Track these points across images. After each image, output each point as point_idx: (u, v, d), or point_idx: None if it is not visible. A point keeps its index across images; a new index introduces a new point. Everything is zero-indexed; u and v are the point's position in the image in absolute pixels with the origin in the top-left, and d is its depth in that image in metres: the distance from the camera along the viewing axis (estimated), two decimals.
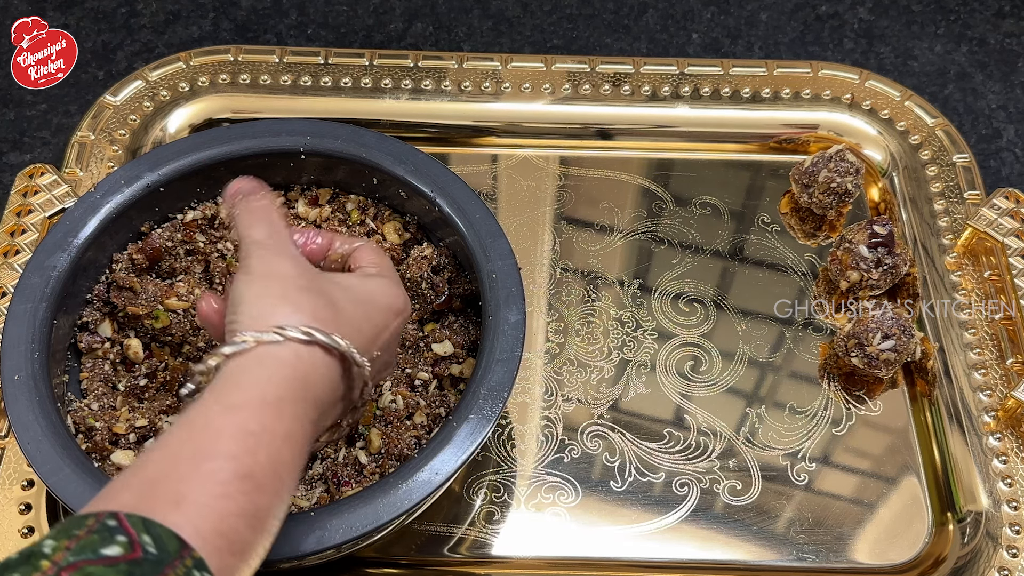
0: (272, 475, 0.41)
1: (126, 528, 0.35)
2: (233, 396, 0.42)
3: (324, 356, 0.45)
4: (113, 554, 0.34)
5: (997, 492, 0.64)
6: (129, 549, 0.34)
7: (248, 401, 0.42)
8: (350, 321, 0.48)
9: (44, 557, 0.34)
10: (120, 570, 0.34)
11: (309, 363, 0.44)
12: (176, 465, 0.39)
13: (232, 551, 0.38)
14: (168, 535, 0.36)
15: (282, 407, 0.42)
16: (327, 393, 0.46)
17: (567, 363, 0.70)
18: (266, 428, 0.41)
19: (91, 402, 0.60)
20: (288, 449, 0.42)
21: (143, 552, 0.34)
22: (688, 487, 0.65)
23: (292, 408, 0.43)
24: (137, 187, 0.63)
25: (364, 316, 0.49)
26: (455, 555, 0.62)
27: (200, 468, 0.39)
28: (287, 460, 0.42)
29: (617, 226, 0.77)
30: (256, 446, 0.40)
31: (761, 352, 0.71)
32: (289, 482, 0.42)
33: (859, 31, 0.92)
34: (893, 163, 0.80)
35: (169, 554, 0.35)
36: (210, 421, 0.41)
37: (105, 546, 0.34)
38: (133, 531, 0.35)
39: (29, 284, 0.59)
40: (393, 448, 0.59)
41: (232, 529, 0.38)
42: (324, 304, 0.47)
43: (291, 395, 0.43)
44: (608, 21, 0.92)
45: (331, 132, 0.66)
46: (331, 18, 0.92)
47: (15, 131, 0.83)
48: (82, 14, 0.91)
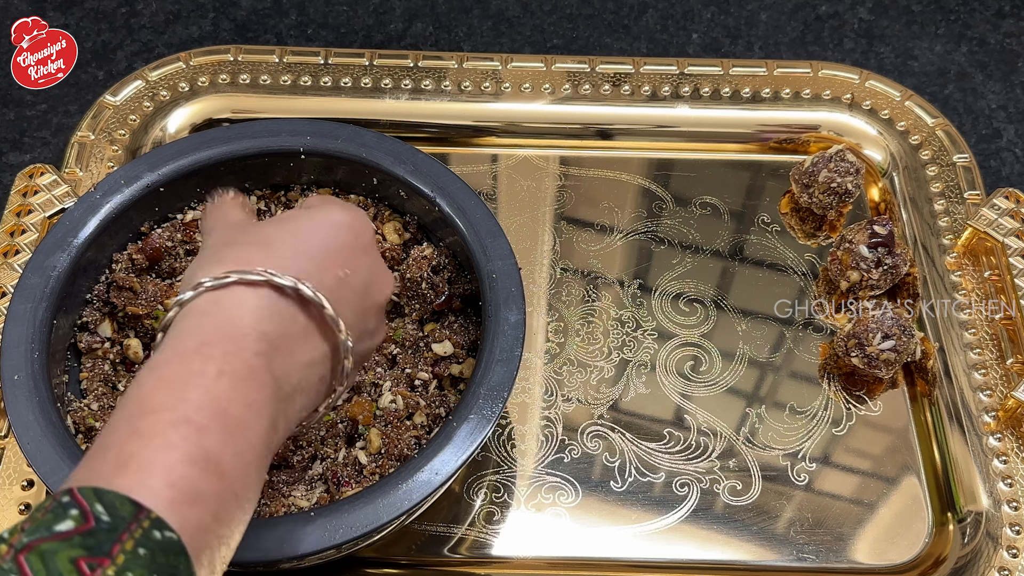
0: (214, 412, 0.39)
1: (79, 501, 0.35)
2: (157, 357, 0.41)
3: (251, 290, 0.43)
4: (65, 528, 0.34)
5: (997, 492, 0.64)
6: (82, 521, 0.34)
7: (169, 356, 0.41)
8: (285, 251, 0.46)
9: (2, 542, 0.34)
10: (74, 543, 0.33)
11: (233, 302, 0.43)
12: (116, 430, 0.38)
13: (189, 501, 0.37)
14: (121, 500, 0.35)
15: (205, 350, 0.41)
16: (274, 325, 0.43)
17: (567, 363, 0.70)
18: (192, 371, 0.40)
19: (91, 402, 0.60)
20: (226, 382, 0.40)
21: (96, 522, 0.34)
22: (688, 487, 0.65)
23: (218, 347, 0.41)
24: (137, 187, 0.63)
25: (303, 240, 0.47)
26: (455, 555, 0.62)
27: (138, 427, 0.38)
28: (228, 393, 0.40)
29: (617, 226, 0.77)
30: (184, 390, 0.39)
31: (761, 352, 0.71)
32: (243, 416, 0.40)
33: (859, 31, 0.92)
34: (893, 163, 0.80)
35: (123, 519, 0.34)
36: (140, 386, 0.40)
37: (58, 522, 0.34)
38: (85, 503, 0.35)
39: (29, 284, 0.59)
40: (393, 448, 0.59)
41: (182, 478, 0.37)
42: (253, 248, 0.46)
43: (214, 336, 0.41)
44: (608, 21, 0.92)
45: (331, 132, 0.66)
46: (331, 18, 0.92)
47: (15, 131, 0.83)
48: (82, 14, 0.91)
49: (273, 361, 0.42)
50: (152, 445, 0.37)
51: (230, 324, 0.42)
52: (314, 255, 0.47)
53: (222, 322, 0.42)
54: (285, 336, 0.44)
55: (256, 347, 0.42)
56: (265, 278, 0.43)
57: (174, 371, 0.40)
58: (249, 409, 0.40)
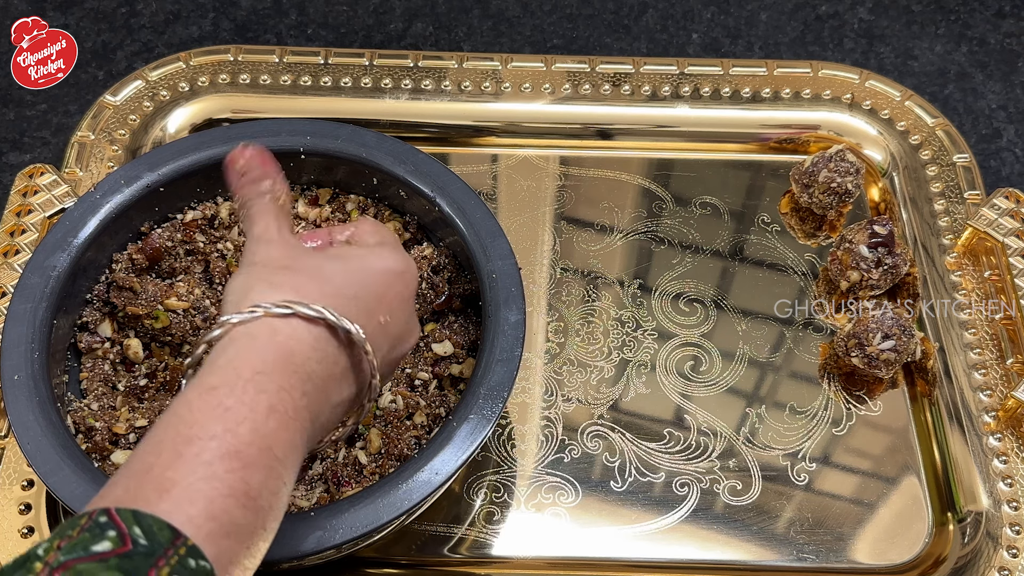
0: (260, 450, 0.39)
1: (116, 522, 0.35)
2: (209, 378, 0.41)
3: (307, 326, 0.43)
4: (103, 549, 0.34)
5: (997, 492, 0.64)
6: (119, 543, 0.34)
7: (223, 380, 0.40)
8: (340, 290, 0.46)
9: (37, 559, 0.34)
10: (111, 565, 0.33)
11: (289, 335, 0.43)
12: (160, 453, 0.38)
13: (226, 534, 0.37)
14: (159, 525, 0.35)
15: (260, 380, 0.41)
16: (321, 366, 0.44)
17: (567, 363, 0.70)
18: (244, 402, 0.40)
19: (91, 402, 0.61)
20: (276, 421, 0.40)
21: (133, 545, 0.34)
22: (688, 487, 0.65)
23: (273, 380, 0.41)
24: (137, 187, 0.63)
25: (359, 283, 0.47)
26: (455, 555, 0.62)
27: (183, 453, 0.38)
28: (276, 432, 0.40)
29: (617, 226, 0.77)
30: (236, 422, 0.39)
31: (761, 352, 0.71)
32: (285, 457, 0.40)
33: (859, 31, 0.92)
34: (893, 163, 0.80)
35: (160, 544, 0.34)
36: (189, 405, 0.40)
37: (95, 543, 0.34)
38: (123, 525, 0.35)
39: (29, 284, 0.59)
40: (393, 448, 0.59)
41: (223, 511, 0.37)
42: (308, 279, 0.45)
43: (270, 368, 0.41)
44: (608, 21, 0.92)
45: (331, 132, 0.66)
46: (331, 18, 0.92)
47: (15, 131, 0.83)
48: (82, 14, 0.91)
49: (313, 402, 0.43)
50: (197, 474, 0.37)
51: (286, 360, 0.42)
52: (366, 299, 0.47)
53: (280, 356, 0.42)
54: (327, 378, 0.44)
55: (304, 387, 0.42)
56: (322, 316, 0.43)
57: (226, 398, 0.40)
58: (290, 450, 0.41)
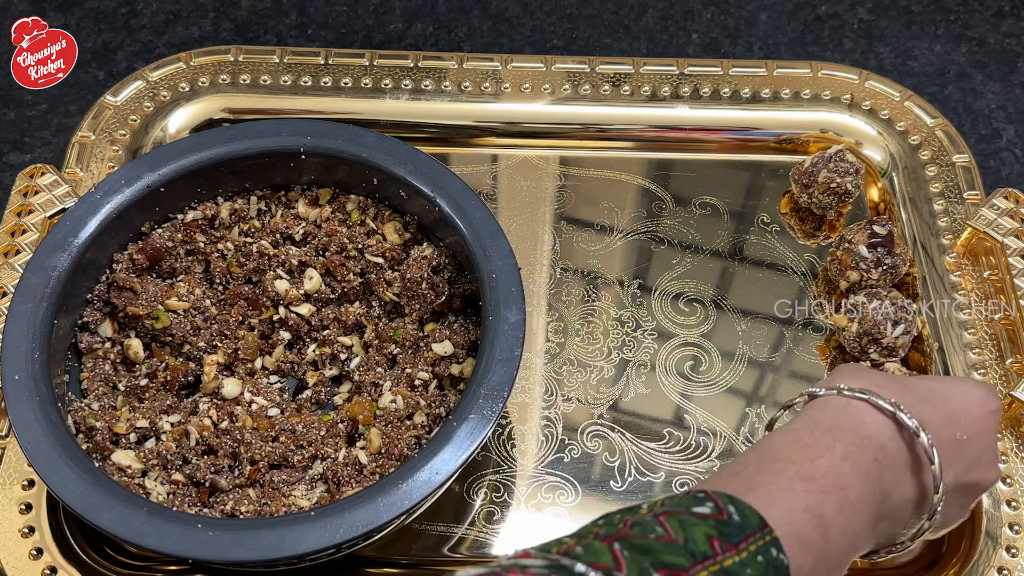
0: (834, 485, 0.43)
1: (713, 499, 0.41)
2: (795, 423, 0.48)
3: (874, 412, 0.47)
4: (703, 511, 0.40)
5: (996, 492, 0.64)
6: (716, 512, 0.40)
7: (803, 426, 0.47)
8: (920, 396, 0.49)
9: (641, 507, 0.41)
10: (709, 524, 0.39)
11: (859, 411, 0.47)
12: (747, 466, 0.45)
13: (798, 543, 0.40)
14: (750, 511, 0.40)
15: (835, 432, 0.46)
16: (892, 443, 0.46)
17: (567, 363, 0.70)
18: (821, 443, 0.45)
19: (91, 402, 0.61)
20: (849, 466, 0.44)
21: (728, 516, 0.40)
22: (688, 487, 0.65)
23: (845, 435, 0.46)
24: (137, 187, 0.63)
25: (939, 397, 0.50)
26: (455, 555, 0.62)
27: (767, 468, 0.44)
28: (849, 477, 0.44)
29: (617, 226, 0.77)
30: (814, 456, 0.44)
31: (761, 352, 0.71)
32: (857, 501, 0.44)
33: (859, 31, 0.92)
34: (893, 163, 0.80)
35: (751, 525, 0.40)
36: (774, 439, 0.46)
37: (696, 505, 0.40)
38: (719, 501, 0.40)
39: (29, 284, 0.59)
40: (393, 448, 0.59)
41: (799, 520, 0.41)
42: (893, 383, 0.49)
43: (844, 426, 0.46)
44: (608, 21, 0.92)
45: (331, 132, 0.66)
46: (331, 18, 0.92)
47: (15, 131, 0.83)
48: (82, 14, 0.91)
49: (884, 474, 0.46)
50: (778, 484, 0.43)
51: (859, 426, 0.47)
52: (941, 410, 0.49)
53: (852, 419, 0.47)
54: (894, 463, 0.47)
55: (875, 453, 0.46)
56: (892, 410, 0.47)
57: (807, 437, 0.46)
58: (860, 500, 0.44)
